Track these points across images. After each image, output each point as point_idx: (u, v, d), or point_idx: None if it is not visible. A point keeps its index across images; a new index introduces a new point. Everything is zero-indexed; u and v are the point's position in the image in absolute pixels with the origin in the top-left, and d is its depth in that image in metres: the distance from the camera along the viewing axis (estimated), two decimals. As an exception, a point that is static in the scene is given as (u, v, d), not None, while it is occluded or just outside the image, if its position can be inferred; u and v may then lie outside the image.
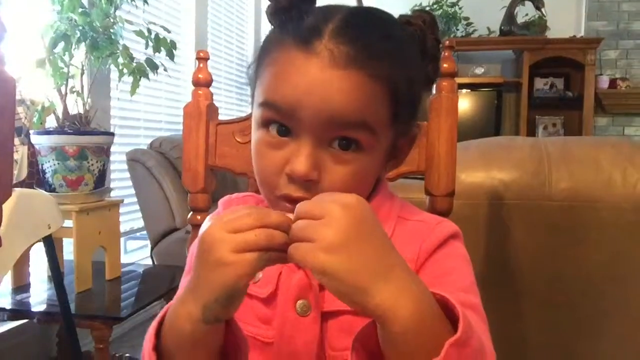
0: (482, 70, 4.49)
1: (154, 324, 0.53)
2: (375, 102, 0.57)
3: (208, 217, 0.51)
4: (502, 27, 4.37)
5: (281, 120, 0.57)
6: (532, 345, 1.21)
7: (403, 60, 0.60)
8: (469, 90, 4.43)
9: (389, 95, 0.57)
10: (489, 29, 4.47)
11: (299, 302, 0.59)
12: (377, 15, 0.61)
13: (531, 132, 4.39)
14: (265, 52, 0.61)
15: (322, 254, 0.43)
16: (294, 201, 0.54)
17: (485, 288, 0.65)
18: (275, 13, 0.61)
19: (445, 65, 0.88)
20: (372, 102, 0.56)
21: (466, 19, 4.44)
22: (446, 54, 0.88)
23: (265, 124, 0.59)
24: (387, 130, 0.59)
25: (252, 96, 0.63)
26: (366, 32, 0.57)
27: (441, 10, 4.35)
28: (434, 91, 0.88)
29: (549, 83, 4.45)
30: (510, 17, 4.33)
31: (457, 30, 4.44)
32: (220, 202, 0.72)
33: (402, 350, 0.44)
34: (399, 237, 0.60)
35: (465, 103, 4.41)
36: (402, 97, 0.59)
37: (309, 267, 0.44)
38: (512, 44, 4.40)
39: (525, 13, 4.37)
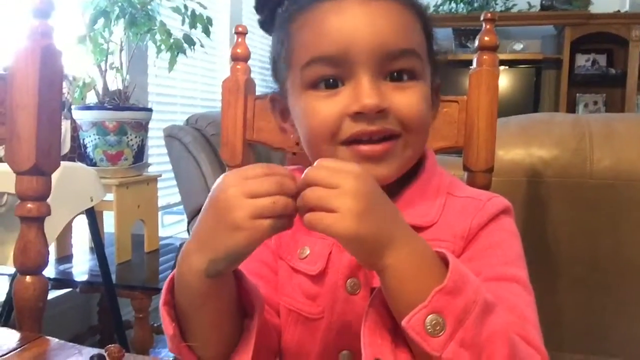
0: (521, 46, 4.37)
1: (167, 279, 0.54)
2: (415, 30, 0.60)
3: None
4: (543, 2, 4.23)
5: (331, 71, 0.57)
6: (567, 325, 1.20)
7: (421, 3, 0.63)
8: (507, 67, 4.32)
9: (422, 26, 0.61)
10: (529, 3, 4.33)
11: (349, 280, 0.60)
12: None
13: (571, 110, 4.27)
14: (286, 24, 0.61)
15: (350, 223, 0.45)
16: (370, 140, 0.56)
17: (522, 264, 0.65)
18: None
19: (486, 38, 0.86)
20: (413, 30, 0.59)
21: (506, -7, 4.32)
22: (487, 26, 0.87)
23: (311, 84, 0.58)
24: (426, 62, 0.61)
25: (279, 82, 0.65)
26: None
27: (480, -16, 4.24)
28: (474, 65, 0.86)
29: (590, 59, 4.30)
30: (551, -10, 4.19)
31: (497, 4, 4.31)
32: None
33: (397, 296, 0.47)
34: (449, 214, 0.60)
35: (503, 80, 4.31)
36: (430, 33, 0.63)
37: (337, 234, 0.45)
38: (553, 19, 4.25)
39: (567, -14, 4.22)
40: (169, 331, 0.53)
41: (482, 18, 0.87)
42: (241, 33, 0.96)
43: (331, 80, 0.57)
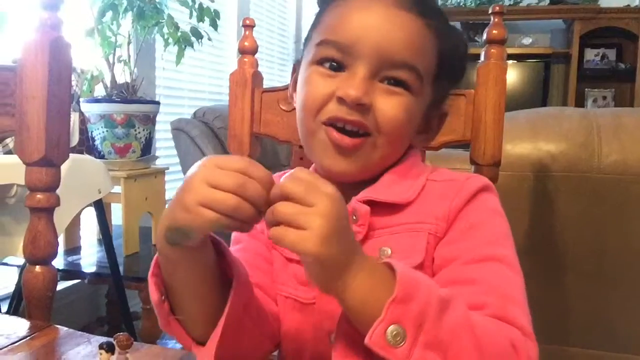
0: (530, 40, 4.35)
1: (157, 252, 0.55)
2: (426, 51, 0.61)
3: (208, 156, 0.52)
4: (553, -4, 4.21)
5: (337, 56, 0.60)
6: (575, 317, 1.20)
7: (449, 27, 0.66)
8: (516, 61, 4.30)
9: (437, 49, 0.62)
10: (538, -3, 4.31)
11: None
12: None
13: (580, 105, 4.24)
14: (326, 4, 0.65)
15: (317, 243, 0.45)
16: (344, 123, 0.58)
17: (529, 259, 0.65)
18: None
19: (494, 31, 0.86)
20: (425, 49, 0.61)
21: (515, -14, 4.30)
22: (496, 20, 0.86)
23: (320, 61, 0.62)
24: (429, 84, 0.63)
25: (304, 51, 0.67)
26: None
27: (488, -23, 4.21)
28: (482, 58, 0.86)
29: (600, 54, 4.27)
30: (561, -16, 4.16)
31: (505, -2, 4.30)
32: None
33: (361, 319, 0.48)
34: (430, 197, 0.62)
35: (511, 75, 4.28)
36: (445, 58, 0.63)
37: (301, 252, 0.46)
38: (563, 13, 4.22)
39: (577, -19, 4.19)
40: (154, 298, 0.54)
41: (490, 11, 0.86)
42: (249, 26, 0.96)
43: (335, 64, 0.61)
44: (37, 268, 0.74)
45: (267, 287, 0.64)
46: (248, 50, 0.96)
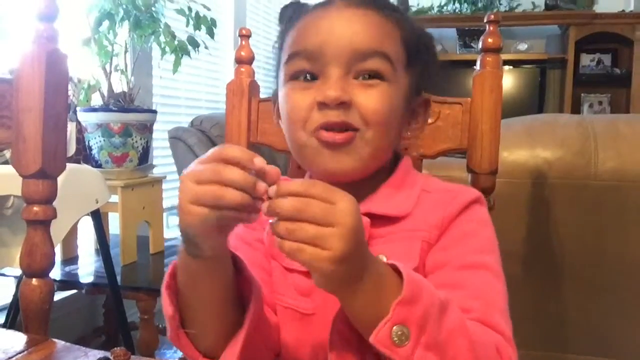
0: (526, 46, 4.36)
1: (171, 264, 0.56)
2: (390, 38, 0.64)
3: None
4: (547, 1, 4.22)
5: (308, 66, 0.62)
6: (572, 325, 1.19)
7: (407, 18, 0.68)
8: (511, 67, 4.31)
9: (400, 38, 0.65)
10: (533, 3, 4.32)
11: None
12: None
13: (576, 110, 4.25)
14: (285, 29, 0.68)
15: (331, 263, 0.45)
16: (333, 126, 0.60)
17: (526, 267, 0.65)
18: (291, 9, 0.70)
19: (490, 40, 0.86)
20: (387, 36, 0.63)
21: (510, -7, 4.31)
22: (491, 28, 0.87)
23: (293, 76, 0.63)
24: (402, 71, 0.65)
25: (277, 77, 0.69)
26: None
27: (484, -16, 4.23)
28: (477, 67, 0.86)
29: (595, 59, 4.28)
30: (556, -10, 4.18)
31: (500, 4, 4.31)
32: None
33: (364, 319, 0.50)
34: (424, 207, 0.64)
35: (507, 80, 4.29)
36: (410, 44, 0.66)
37: (313, 270, 0.47)
38: (558, 19, 4.24)
39: (572, -14, 4.20)
40: (168, 312, 0.54)
41: (485, 20, 0.87)
42: (245, 36, 0.96)
43: (308, 76, 0.62)
44: (34, 281, 0.74)
45: (266, 297, 0.64)
46: (245, 60, 0.96)
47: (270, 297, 0.65)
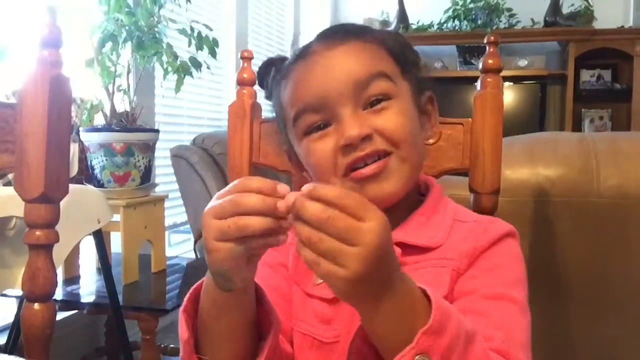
0: (526, 62, 4.38)
1: (192, 288, 0.56)
2: (379, 57, 0.65)
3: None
4: (547, 18, 4.25)
5: (317, 117, 0.62)
6: (577, 345, 1.18)
7: (387, 34, 0.69)
8: (512, 84, 4.33)
9: (386, 52, 0.66)
10: (532, 20, 4.35)
11: None
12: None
13: (577, 125, 4.26)
14: (276, 91, 0.69)
15: (345, 283, 0.44)
16: (363, 161, 0.60)
17: (529, 286, 0.65)
18: (265, 73, 0.73)
19: (489, 61, 0.87)
20: (376, 57, 0.64)
21: (509, 10, 4.33)
22: (491, 49, 0.87)
23: (305, 132, 0.64)
24: (401, 81, 0.66)
25: (282, 129, 0.70)
26: (343, 27, 0.67)
27: (483, 1, 4.26)
28: (478, 87, 0.87)
29: (595, 75, 4.30)
30: (555, 7, 4.20)
31: (500, 22, 4.34)
32: None
33: (387, 339, 0.48)
34: (455, 236, 0.64)
35: (508, 96, 4.31)
36: (398, 54, 0.67)
37: (328, 283, 0.45)
38: (557, 36, 4.27)
39: (570, 3, 4.23)
40: (183, 336, 0.54)
41: (485, 41, 0.87)
42: (247, 58, 0.97)
43: (321, 125, 0.63)
44: (36, 306, 0.74)
45: (282, 325, 0.63)
46: (247, 82, 0.97)
47: (287, 326, 0.64)
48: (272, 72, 0.71)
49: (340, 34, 0.65)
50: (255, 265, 0.51)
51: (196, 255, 2.44)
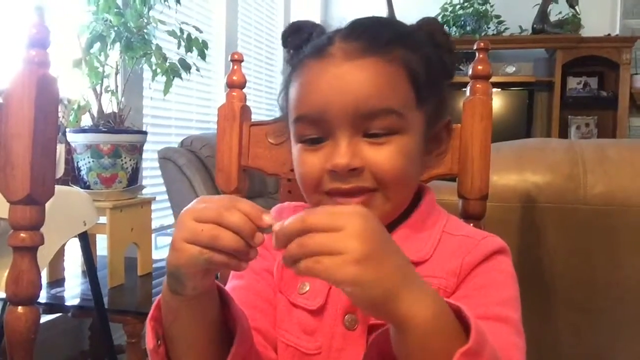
0: (514, 69, 4.42)
1: (159, 297, 0.55)
2: (396, 85, 0.59)
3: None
4: (535, 26, 4.29)
5: (313, 130, 0.60)
6: (564, 351, 1.19)
7: (414, 44, 0.62)
8: (500, 90, 4.37)
9: (407, 76, 0.60)
10: (520, 27, 4.39)
11: (347, 316, 0.60)
12: (382, 17, 0.65)
13: (563, 132, 4.31)
14: (288, 75, 0.65)
15: (353, 266, 0.42)
16: (346, 194, 0.57)
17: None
18: (291, 35, 0.67)
19: (479, 67, 0.87)
20: (392, 85, 0.59)
21: (497, 17, 4.37)
22: (480, 55, 0.88)
23: (300, 139, 0.61)
24: (414, 113, 0.61)
25: (286, 116, 0.66)
26: (373, 27, 0.61)
27: (472, 8, 4.29)
28: (467, 93, 0.87)
29: (582, 82, 4.35)
30: (542, 15, 4.25)
31: (488, 28, 4.37)
32: (273, 209, 0.72)
33: (417, 356, 0.45)
34: (443, 251, 0.61)
35: (496, 102, 4.34)
36: (421, 78, 0.61)
37: (337, 279, 0.42)
38: (545, 43, 4.31)
39: (558, 11, 4.27)
40: (149, 344, 0.54)
41: (475, 47, 0.88)
42: (237, 61, 0.97)
43: (316, 138, 0.60)
44: (20, 309, 0.73)
45: (267, 332, 0.63)
46: (236, 85, 0.97)
47: (270, 332, 0.63)
48: (294, 45, 0.66)
49: (365, 42, 0.59)
50: (211, 280, 0.51)
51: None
